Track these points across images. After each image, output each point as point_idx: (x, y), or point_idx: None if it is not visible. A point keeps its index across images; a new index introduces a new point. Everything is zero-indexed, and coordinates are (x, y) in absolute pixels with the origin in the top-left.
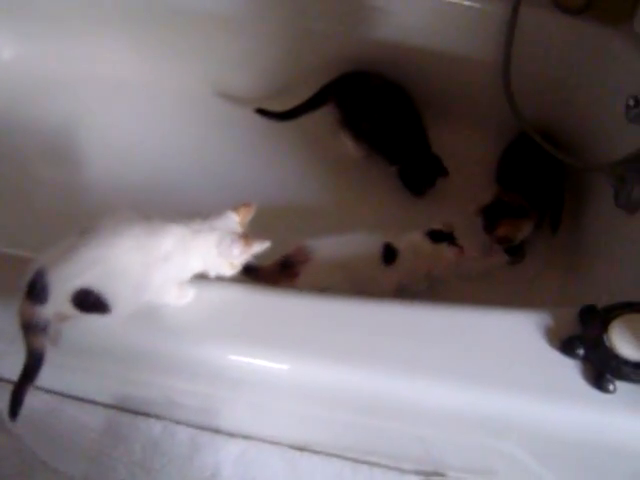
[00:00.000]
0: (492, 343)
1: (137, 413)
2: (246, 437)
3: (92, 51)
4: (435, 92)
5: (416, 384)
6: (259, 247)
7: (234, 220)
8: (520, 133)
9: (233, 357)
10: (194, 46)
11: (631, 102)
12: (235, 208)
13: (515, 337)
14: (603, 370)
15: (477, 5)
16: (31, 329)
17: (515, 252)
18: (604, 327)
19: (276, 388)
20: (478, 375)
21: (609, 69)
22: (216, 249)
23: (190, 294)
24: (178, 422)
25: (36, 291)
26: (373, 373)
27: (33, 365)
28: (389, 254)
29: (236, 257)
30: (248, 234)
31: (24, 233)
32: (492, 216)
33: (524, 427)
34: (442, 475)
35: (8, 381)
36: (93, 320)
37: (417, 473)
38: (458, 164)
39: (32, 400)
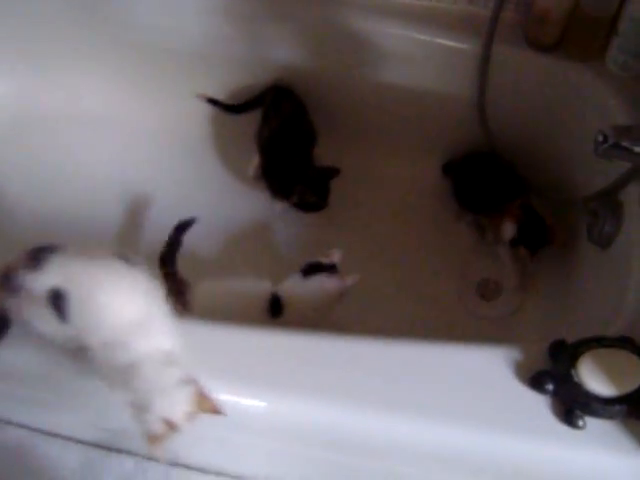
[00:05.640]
0: (461, 379)
1: (110, 449)
2: (218, 473)
3: (72, 87)
4: (394, 126)
5: (386, 421)
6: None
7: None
8: (465, 156)
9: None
10: (169, 82)
11: (600, 137)
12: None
13: (484, 373)
14: (572, 406)
15: (449, 43)
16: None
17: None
18: (573, 362)
19: (253, 425)
20: (447, 411)
21: (580, 105)
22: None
23: None
24: (150, 458)
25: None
26: (343, 409)
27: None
28: (275, 306)
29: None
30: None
31: None
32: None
33: (494, 464)
34: None
35: None
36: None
37: None
38: (414, 194)
39: (3, 435)
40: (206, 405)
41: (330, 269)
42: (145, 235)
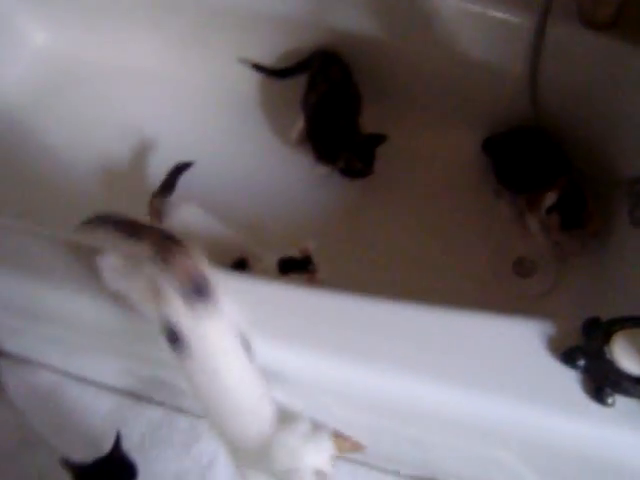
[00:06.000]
0: (493, 349)
1: (140, 398)
2: None
3: (123, 40)
4: (440, 98)
5: (414, 386)
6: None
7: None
8: (507, 132)
9: None
10: (219, 42)
11: None
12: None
13: (516, 345)
14: (603, 383)
15: (502, 16)
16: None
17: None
18: (606, 340)
19: (283, 382)
20: (476, 381)
21: (632, 86)
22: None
23: None
24: (179, 410)
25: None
26: (372, 372)
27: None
28: (238, 266)
29: None
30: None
31: (52, 214)
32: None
33: (521, 436)
34: None
35: (16, 358)
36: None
37: (414, 478)
38: (456, 168)
39: (38, 377)
40: (345, 444)
41: (303, 264)
42: (184, 191)
